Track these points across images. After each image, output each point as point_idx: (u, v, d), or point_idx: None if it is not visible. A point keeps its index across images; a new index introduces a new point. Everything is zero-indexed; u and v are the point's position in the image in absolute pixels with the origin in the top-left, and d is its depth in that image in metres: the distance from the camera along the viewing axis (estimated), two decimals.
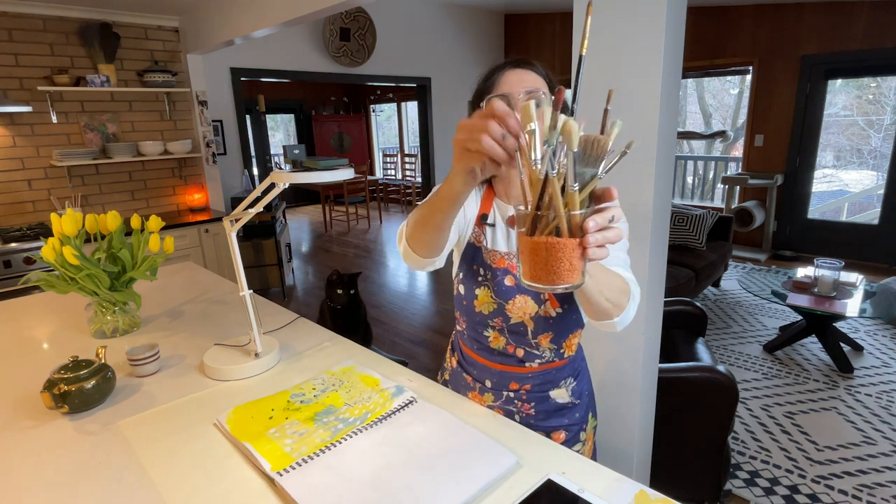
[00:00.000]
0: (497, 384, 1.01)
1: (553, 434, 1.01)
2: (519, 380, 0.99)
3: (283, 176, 0.98)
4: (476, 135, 0.57)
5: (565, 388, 1.01)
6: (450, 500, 0.71)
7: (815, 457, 2.09)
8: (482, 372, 1.02)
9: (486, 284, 0.95)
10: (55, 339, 1.36)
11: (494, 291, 0.94)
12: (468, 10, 5.97)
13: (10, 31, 3.05)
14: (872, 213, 4.97)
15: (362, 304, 2.53)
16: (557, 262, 0.52)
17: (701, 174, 6.21)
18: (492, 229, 0.97)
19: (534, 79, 0.87)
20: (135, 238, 1.36)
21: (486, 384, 1.02)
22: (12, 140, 3.15)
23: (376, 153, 9.67)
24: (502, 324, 0.95)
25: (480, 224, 0.96)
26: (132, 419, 0.95)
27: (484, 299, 0.95)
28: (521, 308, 0.92)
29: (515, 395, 1.00)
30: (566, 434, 1.02)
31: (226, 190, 4.21)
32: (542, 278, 0.53)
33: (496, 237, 0.97)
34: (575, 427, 1.03)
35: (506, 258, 0.94)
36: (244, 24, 2.88)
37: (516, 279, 0.92)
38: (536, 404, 1.00)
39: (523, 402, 1.00)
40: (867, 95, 5.25)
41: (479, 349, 1.02)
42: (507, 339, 0.97)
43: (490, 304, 0.95)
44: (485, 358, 1.01)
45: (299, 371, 1.13)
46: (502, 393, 1.01)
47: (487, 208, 0.97)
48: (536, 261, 0.53)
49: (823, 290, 2.85)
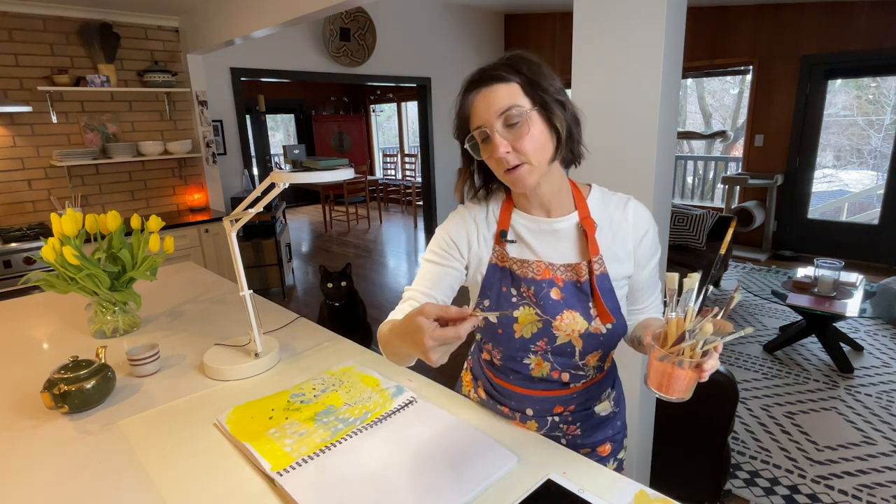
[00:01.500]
0: (540, 411, 0.93)
1: (598, 448, 0.96)
2: (563, 402, 0.92)
3: (283, 176, 0.98)
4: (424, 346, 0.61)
5: (607, 399, 0.97)
6: (450, 500, 0.71)
7: (815, 457, 2.09)
8: (521, 402, 0.93)
9: (525, 303, 0.86)
10: (55, 339, 1.36)
11: (540, 308, 0.84)
12: (468, 10, 5.97)
13: (10, 31, 3.05)
14: (872, 213, 4.96)
15: (362, 304, 2.53)
16: (680, 384, 0.69)
17: (701, 174, 6.21)
18: (515, 245, 0.88)
19: (504, 92, 0.75)
20: (135, 238, 1.36)
21: (526, 412, 0.94)
22: (12, 140, 3.15)
23: (376, 153, 9.67)
24: (546, 346, 0.86)
25: (500, 241, 0.88)
26: (132, 419, 0.95)
27: (526, 320, 0.85)
28: (569, 324, 0.84)
29: (560, 418, 0.93)
30: (611, 445, 0.98)
31: (226, 190, 4.20)
32: (666, 392, 0.70)
33: (523, 251, 0.88)
34: (619, 436, 0.99)
35: (550, 268, 0.85)
36: (244, 24, 2.88)
37: (562, 292, 0.84)
38: (582, 423, 0.94)
39: (569, 423, 0.94)
40: (867, 95, 5.25)
41: (516, 380, 0.92)
42: (551, 363, 0.88)
43: (534, 324, 0.85)
44: (524, 388, 0.92)
45: (299, 371, 1.13)
46: (546, 419, 0.93)
47: (506, 223, 0.88)
48: (663, 380, 0.70)
49: (823, 290, 2.85)
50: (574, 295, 0.84)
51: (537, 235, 0.87)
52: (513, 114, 0.75)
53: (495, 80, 0.77)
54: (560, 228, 0.86)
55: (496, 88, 0.76)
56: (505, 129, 0.76)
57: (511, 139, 0.76)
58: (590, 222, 0.85)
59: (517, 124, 0.75)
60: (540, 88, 0.77)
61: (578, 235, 0.86)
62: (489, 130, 0.76)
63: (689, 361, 0.68)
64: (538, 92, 0.77)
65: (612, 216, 0.87)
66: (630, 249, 0.86)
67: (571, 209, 0.87)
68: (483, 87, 0.78)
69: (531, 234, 0.88)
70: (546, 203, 0.86)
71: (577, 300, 0.84)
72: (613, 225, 0.86)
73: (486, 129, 0.77)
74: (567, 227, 0.86)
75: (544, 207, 0.86)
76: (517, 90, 0.76)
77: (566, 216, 0.86)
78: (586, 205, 0.87)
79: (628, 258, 0.87)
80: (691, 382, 0.69)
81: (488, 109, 0.76)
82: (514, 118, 0.75)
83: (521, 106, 0.75)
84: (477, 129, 0.78)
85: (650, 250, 0.88)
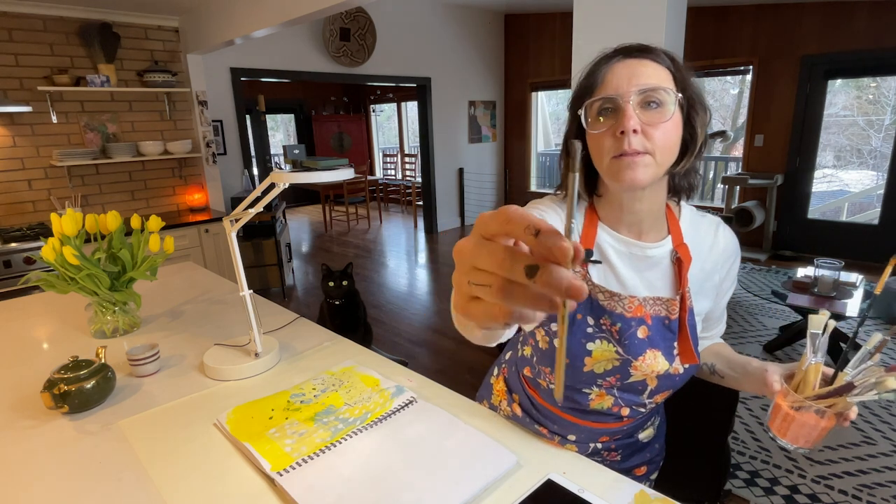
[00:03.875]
0: (583, 438, 0.85)
1: (635, 469, 0.91)
2: (611, 433, 0.84)
3: (283, 176, 0.98)
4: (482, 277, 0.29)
5: (652, 426, 0.92)
6: (450, 500, 0.71)
7: (815, 457, 2.09)
8: (565, 427, 0.85)
9: (603, 337, 0.74)
10: (55, 339, 1.36)
11: (623, 347, 0.74)
12: (468, 10, 5.97)
13: (10, 31, 3.05)
14: (872, 213, 4.96)
15: (362, 304, 2.53)
16: (813, 433, 0.64)
17: (701, 174, 6.20)
18: (597, 266, 0.75)
19: (652, 71, 0.66)
20: (135, 238, 1.36)
21: (568, 437, 0.86)
22: (12, 140, 3.15)
23: (376, 153, 9.67)
24: (616, 382, 0.76)
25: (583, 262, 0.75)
26: (132, 419, 0.95)
27: (602, 356, 0.74)
28: (650, 365, 0.74)
29: (603, 446, 0.86)
30: (647, 467, 0.93)
31: (226, 190, 4.21)
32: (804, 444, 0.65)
33: (608, 277, 0.75)
34: (657, 458, 0.95)
35: (644, 305, 0.74)
36: (244, 24, 2.88)
37: (650, 330, 0.74)
38: (623, 450, 0.89)
39: (610, 451, 0.88)
40: (867, 95, 5.25)
41: (568, 408, 0.82)
42: (615, 398, 0.78)
43: (611, 361, 0.74)
44: (575, 417, 0.83)
45: (299, 371, 1.13)
46: (588, 446, 0.86)
47: (591, 241, 0.75)
48: (799, 429, 0.64)
49: (823, 290, 2.85)
50: (660, 333, 0.75)
51: (627, 260, 0.75)
52: (657, 96, 0.64)
53: (647, 56, 0.67)
54: (653, 255, 0.75)
55: (646, 63, 0.66)
56: (640, 109, 0.64)
57: (645, 120, 0.64)
58: (685, 250, 0.75)
59: (658, 108, 0.64)
60: (688, 85, 0.68)
61: (672, 265, 0.76)
62: (622, 100, 0.64)
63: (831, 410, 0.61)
64: (687, 87, 0.68)
65: (703, 242, 0.77)
66: (716, 281, 0.79)
67: (665, 234, 0.76)
68: (630, 57, 0.67)
69: (619, 258, 0.75)
70: (640, 222, 0.74)
71: (662, 338, 0.75)
72: (703, 253, 0.77)
73: (618, 99, 0.64)
74: (661, 255, 0.75)
75: (635, 227, 0.74)
76: (667, 76, 0.67)
77: (660, 242, 0.75)
78: (680, 229, 0.76)
79: (713, 290, 0.80)
80: (825, 432, 0.63)
81: (630, 80, 0.64)
82: (656, 100, 0.64)
83: (669, 90, 0.65)
84: (605, 97, 0.65)
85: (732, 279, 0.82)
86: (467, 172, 6.49)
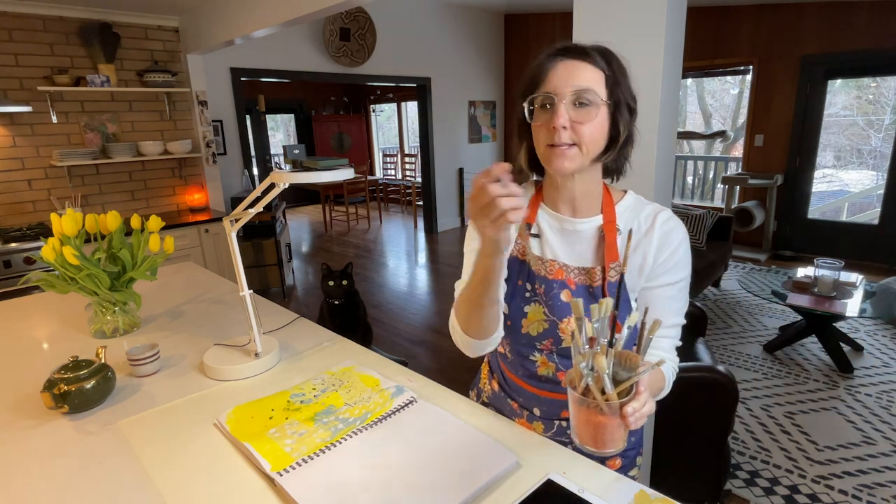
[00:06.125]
0: (547, 413, 0.92)
1: (608, 462, 0.92)
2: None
3: (283, 176, 0.98)
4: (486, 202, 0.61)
5: None
6: (450, 500, 0.71)
7: (815, 457, 2.09)
8: (529, 399, 0.93)
9: (536, 300, 0.85)
10: (55, 339, 1.36)
11: (548, 308, 0.84)
12: (468, 10, 5.97)
13: (10, 31, 3.05)
14: (872, 213, 4.97)
15: (362, 304, 2.52)
16: (604, 435, 0.61)
17: (701, 174, 6.20)
18: (537, 240, 0.88)
19: (588, 73, 0.75)
20: (135, 238, 1.36)
21: (534, 412, 0.94)
22: (12, 140, 3.15)
23: (376, 153, 9.67)
24: (552, 346, 0.86)
25: (524, 234, 0.87)
26: (132, 419, 0.95)
27: (534, 318, 0.86)
28: None
29: (568, 423, 0.87)
30: (622, 461, 0.94)
31: (226, 190, 4.20)
32: (593, 445, 0.62)
33: (543, 248, 0.87)
34: (631, 452, 0.96)
35: (564, 269, 0.85)
36: (244, 24, 2.88)
37: (574, 295, 0.83)
38: None
39: None
40: (867, 95, 5.25)
41: (524, 375, 0.92)
42: (556, 364, 0.87)
43: (540, 323, 0.85)
44: (532, 385, 0.91)
45: (299, 371, 1.13)
46: (553, 422, 0.92)
47: (532, 217, 0.88)
48: (587, 430, 0.62)
49: (823, 290, 2.85)
50: (585, 300, 0.82)
51: (559, 234, 0.86)
52: (587, 97, 0.74)
53: (585, 59, 0.76)
54: (582, 229, 0.85)
55: (582, 66, 0.75)
56: (572, 107, 0.75)
57: (574, 117, 0.75)
58: (612, 227, 0.83)
59: (587, 107, 0.74)
60: (620, 88, 0.77)
61: (598, 239, 0.85)
62: (557, 99, 0.74)
63: (607, 405, 0.57)
64: (618, 90, 0.76)
65: (640, 225, 0.84)
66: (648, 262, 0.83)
67: (597, 212, 0.85)
68: (570, 59, 0.76)
69: (553, 232, 0.87)
70: (574, 200, 0.85)
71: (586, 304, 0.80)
72: (638, 234, 0.84)
73: (554, 96, 0.75)
74: (589, 229, 0.85)
75: (571, 205, 0.85)
76: (600, 79, 0.76)
77: (590, 218, 0.85)
78: (613, 209, 0.85)
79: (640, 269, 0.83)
80: (618, 430, 0.60)
81: (566, 81, 0.74)
82: (586, 100, 0.74)
83: (598, 94, 0.75)
84: (544, 94, 0.76)
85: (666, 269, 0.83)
86: (467, 172, 6.49)
